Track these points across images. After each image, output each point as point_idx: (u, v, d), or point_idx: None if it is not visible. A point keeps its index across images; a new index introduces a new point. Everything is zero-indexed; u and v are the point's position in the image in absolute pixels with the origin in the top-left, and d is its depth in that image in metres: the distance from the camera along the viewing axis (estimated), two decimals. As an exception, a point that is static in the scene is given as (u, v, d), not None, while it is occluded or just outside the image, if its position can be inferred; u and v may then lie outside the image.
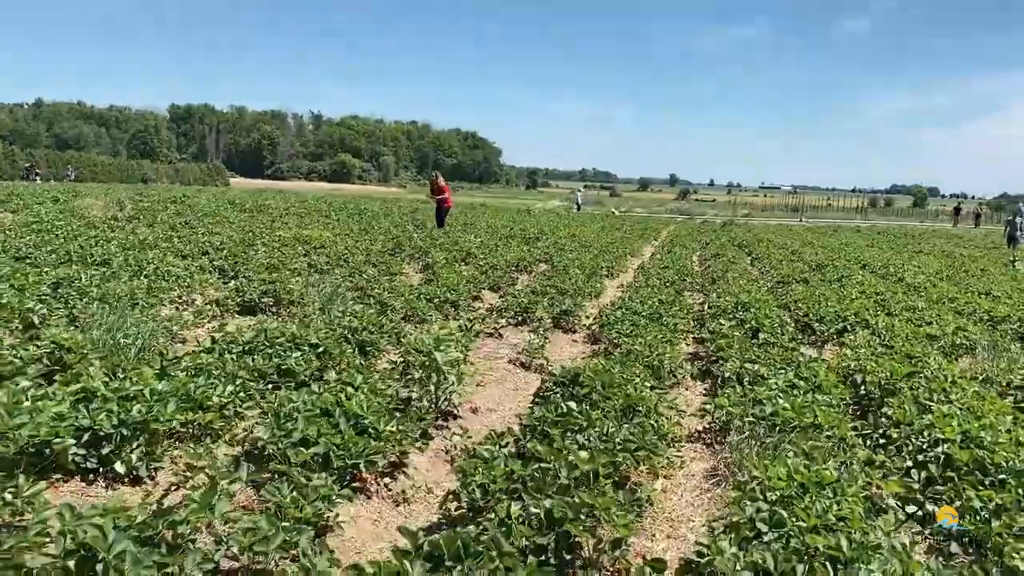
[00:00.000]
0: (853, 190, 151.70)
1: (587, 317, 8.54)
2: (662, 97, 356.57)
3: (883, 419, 4.85)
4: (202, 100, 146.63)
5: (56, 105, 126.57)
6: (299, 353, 4.91)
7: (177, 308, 6.79)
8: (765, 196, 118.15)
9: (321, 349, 5.13)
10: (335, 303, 7.31)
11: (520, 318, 8.03)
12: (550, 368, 6.41)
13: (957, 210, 56.74)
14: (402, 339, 6.43)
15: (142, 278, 7.30)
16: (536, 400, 4.85)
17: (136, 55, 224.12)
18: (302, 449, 3.36)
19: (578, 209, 43.18)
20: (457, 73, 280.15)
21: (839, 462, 3.79)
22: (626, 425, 4.09)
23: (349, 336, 5.97)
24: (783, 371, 5.68)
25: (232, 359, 4.63)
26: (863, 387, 5.72)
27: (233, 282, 7.81)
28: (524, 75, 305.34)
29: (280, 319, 6.88)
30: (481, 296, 9.52)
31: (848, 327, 8.58)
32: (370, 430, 3.67)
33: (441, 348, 4.66)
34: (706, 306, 9.35)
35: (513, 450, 3.74)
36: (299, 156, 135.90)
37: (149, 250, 9.05)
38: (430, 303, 7.88)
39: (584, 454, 3.35)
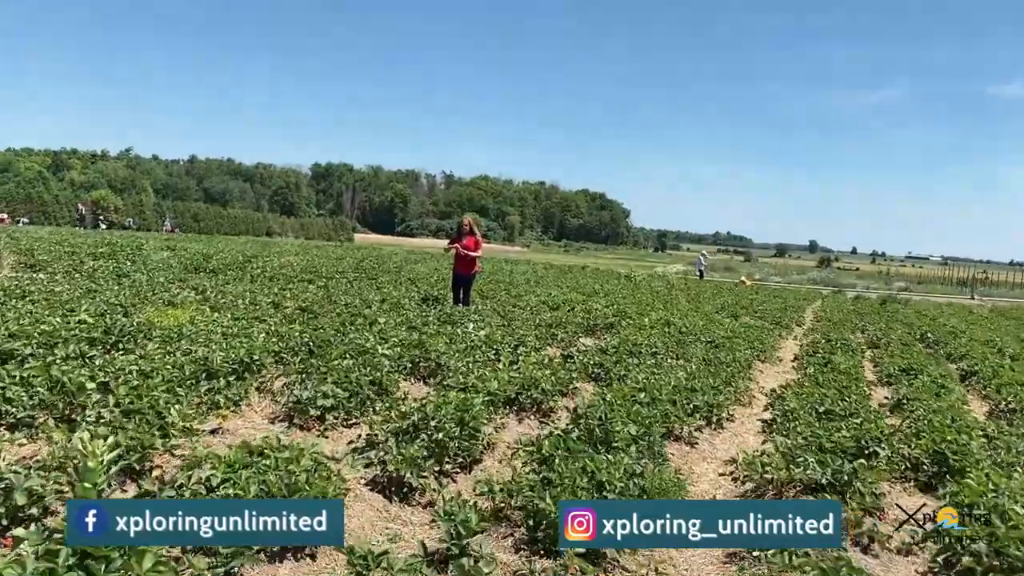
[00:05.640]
0: (1011, 263, 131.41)
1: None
2: (799, 160, 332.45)
3: None
4: (343, 159, 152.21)
5: (208, 161, 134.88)
6: None
7: None
8: (913, 266, 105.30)
9: None
10: None
11: None
12: None
13: None
14: None
15: None
16: None
17: (287, 115, 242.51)
18: None
19: (700, 276, 36.07)
20: (587, 136, 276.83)
21: None
22: None
23: None
24: None
25: None
26: None
27: None
28: (656, 137, 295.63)
29: None
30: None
31: None
32: None
33: None
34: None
35: None
36: (428, 214, 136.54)
37: None
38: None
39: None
